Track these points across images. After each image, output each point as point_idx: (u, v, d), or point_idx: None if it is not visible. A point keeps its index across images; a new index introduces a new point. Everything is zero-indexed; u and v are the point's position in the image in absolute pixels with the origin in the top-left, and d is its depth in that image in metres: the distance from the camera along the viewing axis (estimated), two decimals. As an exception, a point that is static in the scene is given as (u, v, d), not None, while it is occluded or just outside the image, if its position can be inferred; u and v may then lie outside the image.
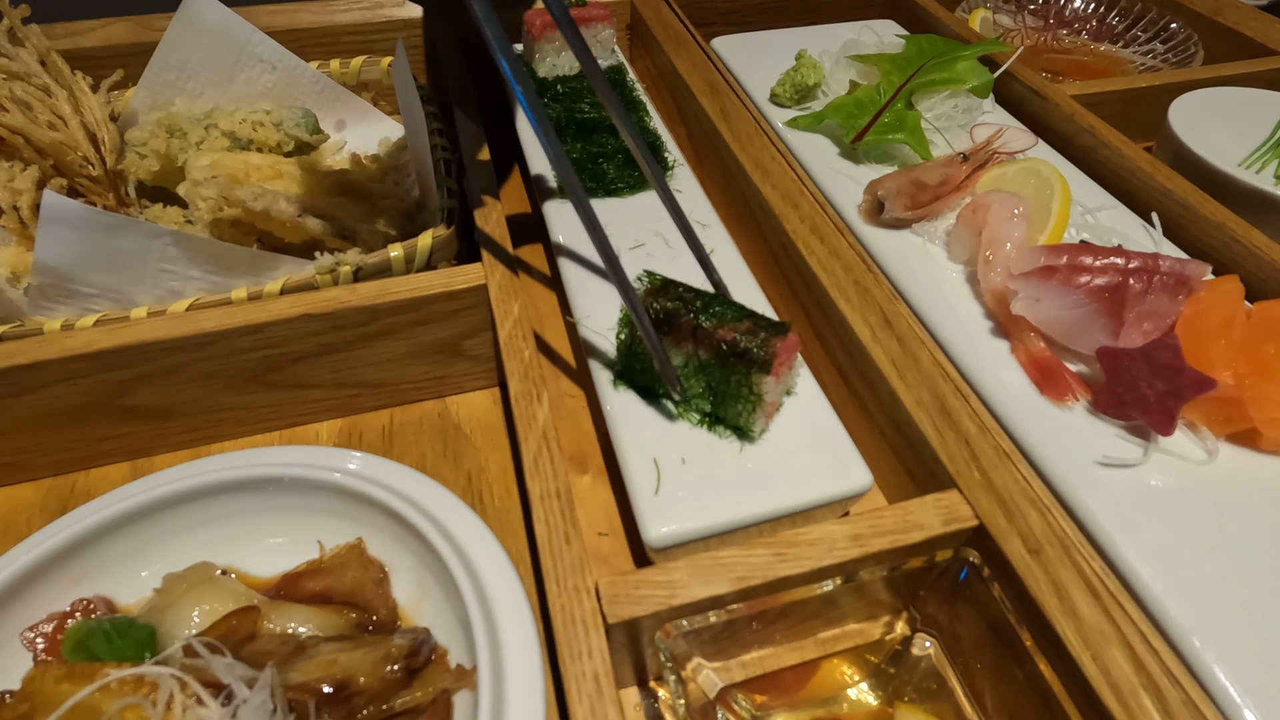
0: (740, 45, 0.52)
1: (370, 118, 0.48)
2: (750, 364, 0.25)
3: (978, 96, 0.42)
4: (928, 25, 0.54)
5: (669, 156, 0.40)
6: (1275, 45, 0.49)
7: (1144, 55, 0.56)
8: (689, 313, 0.26)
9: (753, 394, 0.26)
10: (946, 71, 0.41)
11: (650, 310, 0.27)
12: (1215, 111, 0.44)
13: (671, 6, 0.52)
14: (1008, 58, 0.46)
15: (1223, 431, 0.27)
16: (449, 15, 0.50)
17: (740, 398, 0.26)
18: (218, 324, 0.29)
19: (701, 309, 0.27)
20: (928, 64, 0.42)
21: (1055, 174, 0.34)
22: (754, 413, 0.26)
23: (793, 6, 0.57)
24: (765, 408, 0.26)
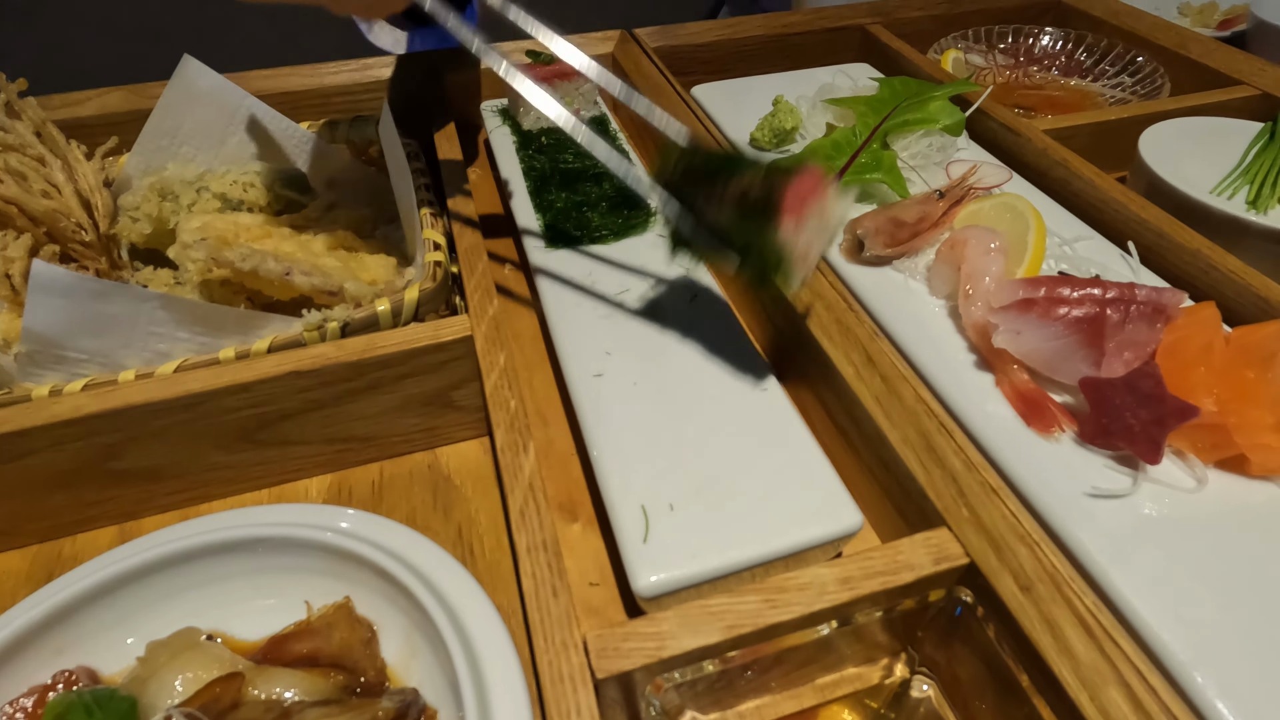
0: (720, 92, 0.54)
1: (360, 174, 0.49)
2: (763, 208, 0.26)
3: (951, 135, 0.42)
4: (901, 67, 0.55)
5: (651, 204, 0.41)
6: (1238, 75, 0.51)
7: (1113, 89, 0.57)
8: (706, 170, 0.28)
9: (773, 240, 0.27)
10: (919, 112, 0.42)
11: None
12: (1184, 141, 0.45)
13: (651, 58, 0.53)
14: (979, 96, 0.48)
15: (1211, 458, 0.27)
16: (428, 74, 0.51)
17: (767, 245, 0.27)
18: (205, 384, 0.29)
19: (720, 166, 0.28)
20: (901, 105, 0.43)
21: (1029, 208, 0.35)
22: (786, 263, 0.27)
23: (770, 53, 0.59)
24: (799, 254, 0.27)
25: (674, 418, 0.30)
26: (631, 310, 0.35)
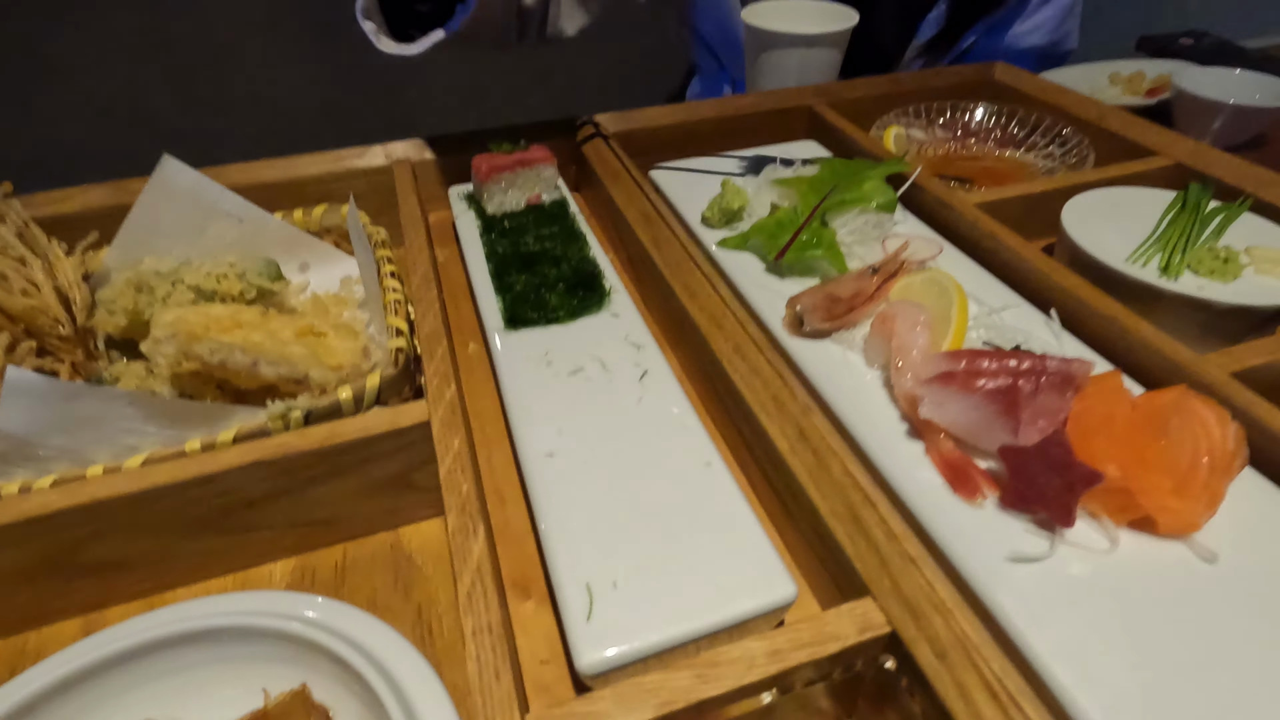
0: (676, 174, 0.57)
1: (332, 258, 0.52)
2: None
3: (884, 212, 0.45)
4: (845, 144, 0.59)
5: (608, 283, 0.44)
6: (1153, 147, 0.55)
7: (1044, 159, 0.61)
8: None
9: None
10: (855, 191, 0.45)
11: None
12: (1104, 210, 0.48)
13: (609, 144, 0.57)
14: (912, 173, 0.51)
15: (1122, 520, 0.29)
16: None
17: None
18: (171, 477, 0.30)
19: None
20: (839, 185, 0.46)
21: (953, 283, 0.38)
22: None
23: (724, 133, 0.62)
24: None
25: (621, 495, 0.31)
26: (584, 389, 0.37)
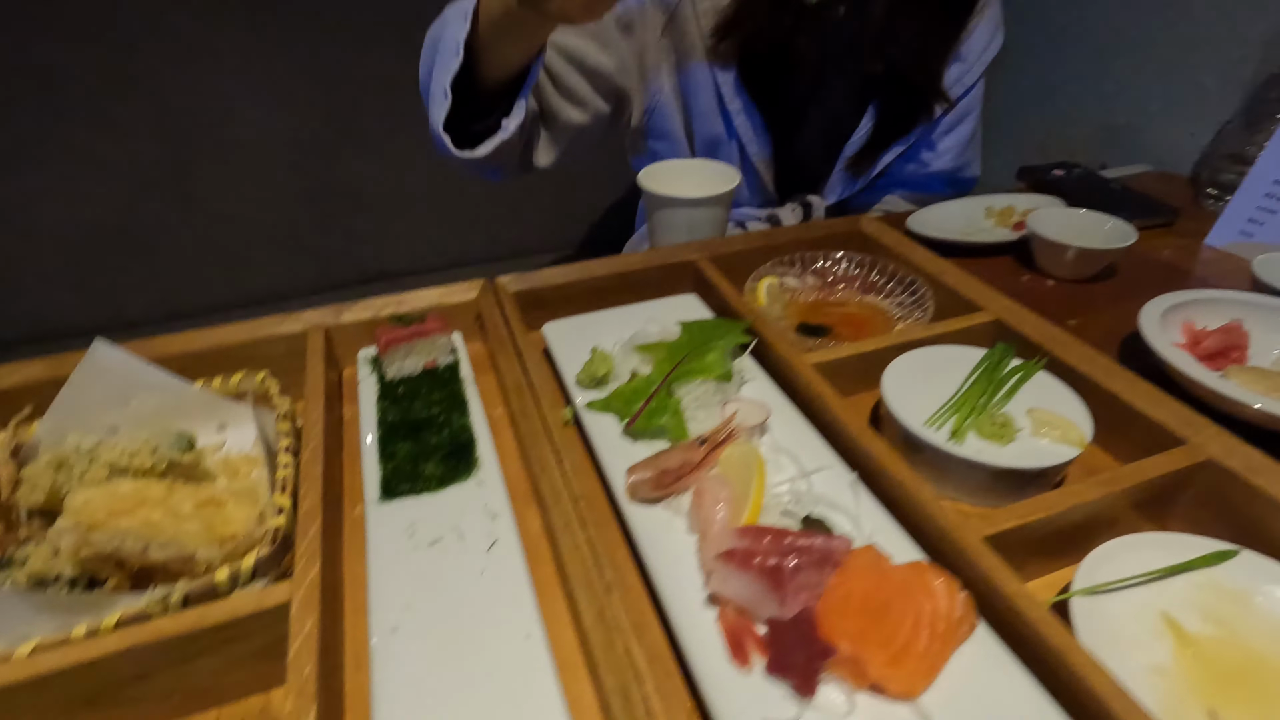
0: (567, 329, 0.64)
1: (249, 417, 0.58)
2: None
3: (722, 382, 0.52)
4: (719, 298, 0.67)
5: (478, 451, 0.50)
6: (979, 302, 0.63)
7: (898, 306, 0.69)
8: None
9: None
10: (699, 362, 0.52)
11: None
12: (923, 369, 0.55)
13: (501, 306, 0.64)
14: (764, 330, 0.58)
15: (861, 685, 0.34)
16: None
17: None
18: (56, 664, 0.35)
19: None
20: (689, 354, 0.53)
21: (756, 459, 0.44)
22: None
23: (618, 288, 0.70)
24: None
25: (450, 669, 0.36)
26: (438, 561, 0.42)
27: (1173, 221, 0.95)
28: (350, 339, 0.63)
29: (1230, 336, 0.65)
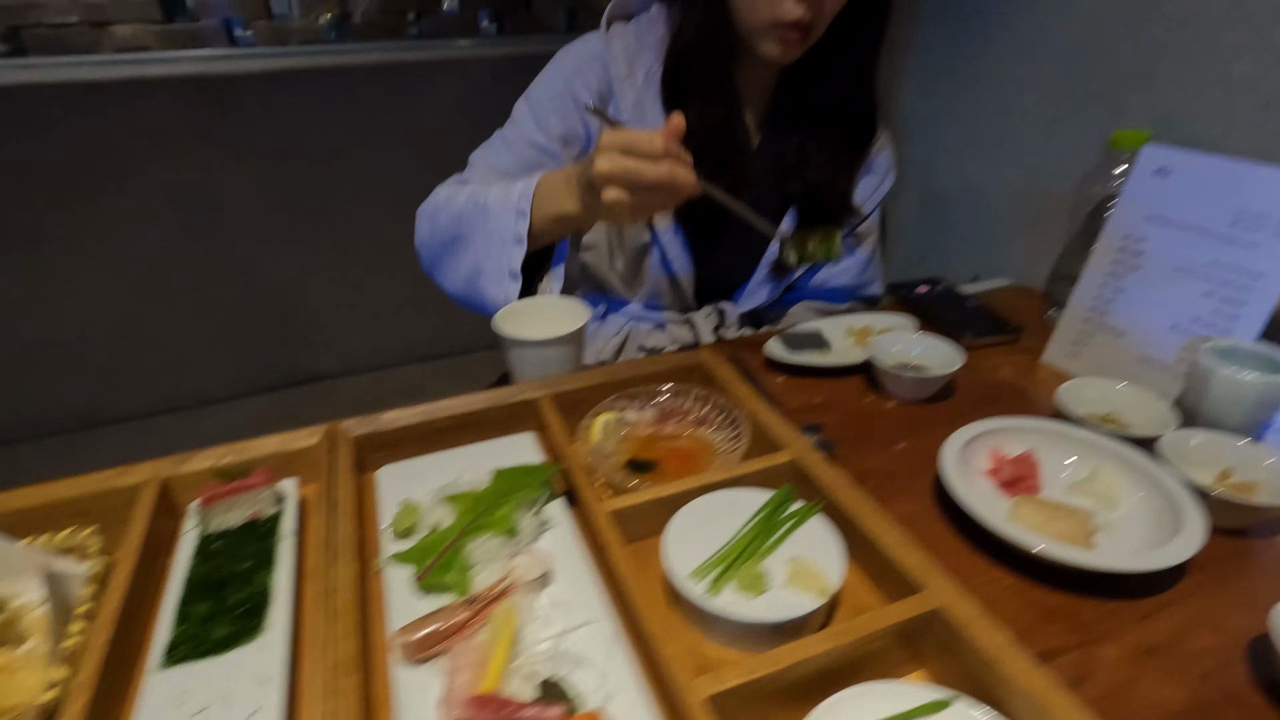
0: (401, 474, 0.68)
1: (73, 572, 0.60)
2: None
3: (509, 537, 0.56)
4: (550, 435, 0.71)
5: (270, 615, 0.52)
6: (779, 442, 0.67)
7: (725, 441, 0.74)
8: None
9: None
10: (490, 516, 0.56)
11: None
12: (710, 515, 0.59)
13: (333, 454, 0.68)
14: (574, 475, 0.62)
15: None
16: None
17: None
18: None
19: None
20: (484, 509, 0.57)
21: (510, 620, 0.47)
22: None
23: (464, 427, 0.74)
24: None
25: None
26: (199, 731, 0.44)
27: (1017, 339, 1.02)
28: (191, 488, 0.66)
29: (1021, 466, 0.71)
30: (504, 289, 0.88)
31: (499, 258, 0.87)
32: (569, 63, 1.01)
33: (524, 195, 0.85)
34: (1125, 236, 0.86)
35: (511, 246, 0.86)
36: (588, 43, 1.02)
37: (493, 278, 0.88)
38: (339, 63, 1.63)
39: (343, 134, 1.64)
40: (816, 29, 0.93)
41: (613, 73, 1.00)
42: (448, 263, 0.94)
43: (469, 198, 0.91)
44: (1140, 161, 0.84)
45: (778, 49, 0.94)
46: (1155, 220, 0.83)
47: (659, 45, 1.02)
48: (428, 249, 0.97)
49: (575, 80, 1.00)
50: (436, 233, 0.94)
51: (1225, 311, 0.77)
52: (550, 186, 0.84)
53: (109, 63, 1.55)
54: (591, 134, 1.02)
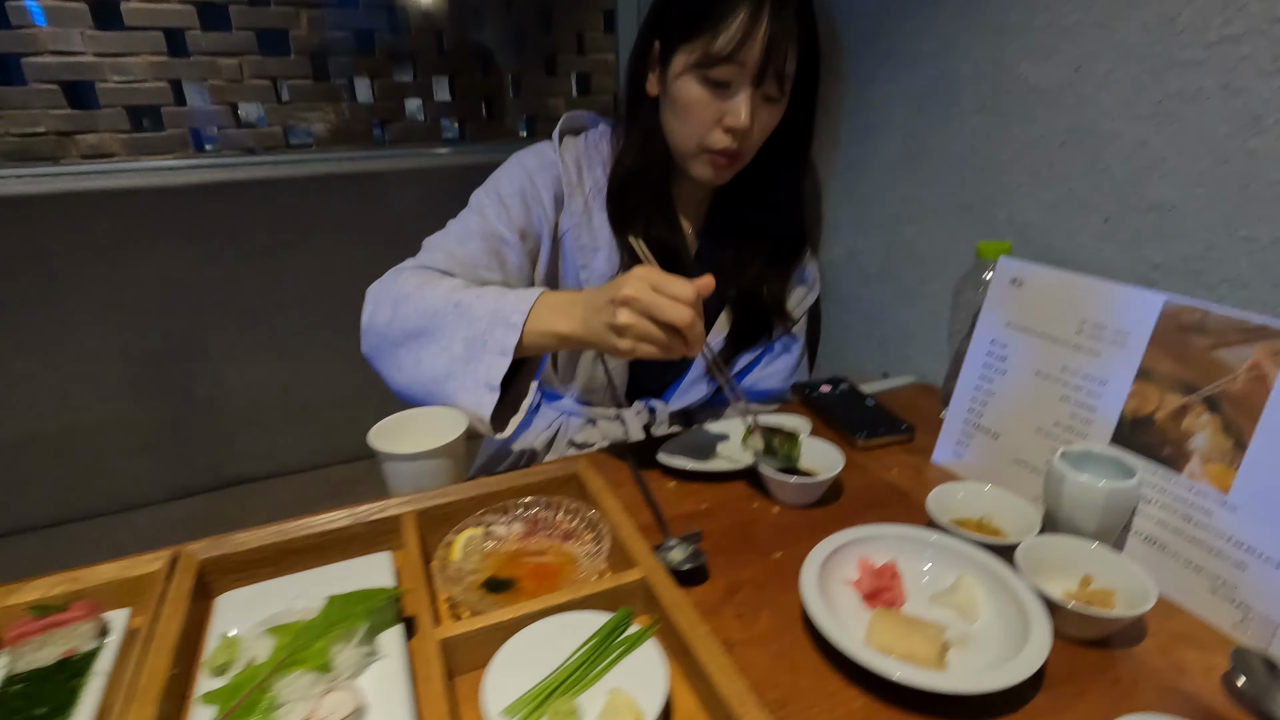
0: (240, 600, 0.66)
1: None
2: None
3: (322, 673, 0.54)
4: (406, 554, 0.69)
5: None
6: (634, 558, 0.67)
7: (588, 556, 0.73)
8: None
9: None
10: (305, 653, 0.54)
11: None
12: (545, 642, 0.57)
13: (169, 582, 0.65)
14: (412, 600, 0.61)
15: None
16: None
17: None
18: None
19: None
20: (301, 644, 0.55)
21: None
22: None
23: (322, 547, 0.72)
24: None
25: None
26: None
27: (911, 439, 1.04)
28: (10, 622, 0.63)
29: (882, 577, 0.70)
30: (478, 399, 0.83)
31: (477, 366, 0.83)
32: (530, 163, 1.07)
33: (518, 309, 0.82)
34: (992, 341, 0.89)
35: (495, 357, 0.82)
36: (543, 150, 1.09)
37: (466, 385, 0.84)
38: (296, 173, 1.68)
39: (284, 238, 1.69)
40: (744, 155, 1.02)
41: (565, 180, 1.06)
42: (403, 356, 0.88)
43: (446, 295, 0.87)
44: (998, 271, 0.88)
45: (709, 172, 1.02)
46: (1015, 327, 0.86)
47: (605, 161, 1.09)
48: (381, 335, 0.90)
49: (537, 179, 1.05)
50: (398, 321, 0.88)
51: (1081, 416, 0.79)
52: (551, 303, 0.83)
53: (57, 175, 1.60)
54: (544, 233, 1.06)
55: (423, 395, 0.88)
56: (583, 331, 0.79)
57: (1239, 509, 0.65)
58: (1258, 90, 0.71)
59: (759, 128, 0.99)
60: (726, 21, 0.91)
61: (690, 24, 0.94)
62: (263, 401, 1.80)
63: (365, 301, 0.93)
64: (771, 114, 0.98)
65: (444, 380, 0.85)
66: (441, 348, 0.85)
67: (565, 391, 1.20)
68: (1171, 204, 0.81)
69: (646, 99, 1.04)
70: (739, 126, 0.94)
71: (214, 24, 1.92)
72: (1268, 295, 0.74)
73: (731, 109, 0.95)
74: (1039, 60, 0.93)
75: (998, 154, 1.01)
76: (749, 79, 0.93)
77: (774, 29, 0.91)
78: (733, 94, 0.95)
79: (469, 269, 0.97)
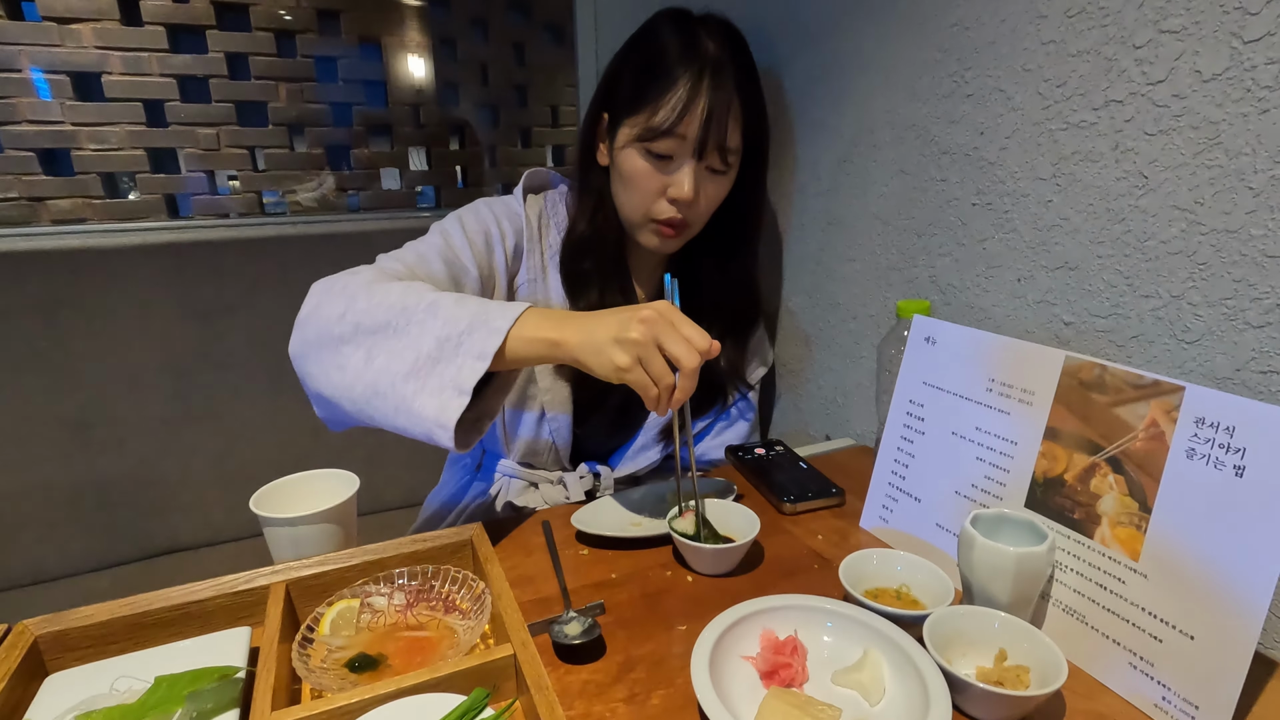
0: (70, 681, 0.60)
1: None
2: None
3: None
4: (266, 628, 0.64)
5: None
6: (510, 632, 0.62)
7: (468, 630, 0.68)
8: None
9: None
10: (108, 742, 0.49)
11: None
12: None
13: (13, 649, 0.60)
14: (258, 685, 0.55)
15: None
16: None
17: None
18: None
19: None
20: (109, 730, 0.49)
21: None
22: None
23: (176, 620, 0.67)
24: None
25: None
26: None
27: (841, 502, 1.00)
28: None
29: (782, 653, 0.65)
30: (444, 402, 0.71)
31: (448, 368, 0.72)
32: (497, 209, 1.06)
33: (504, 315, 0.73)
34: (910, 401, 0.87)
35: (471, 360, 0.71)
36: (508, 201, 1.09)
37: (430, 386, 0.72)
38: (251, 235, 1.67)
39: (227, 299, 1.67)
40: (691, 226, 1.03)
41: (526, 234, 1.06)
42: (350, 353, 0.75)
43: (420, 293, 0.77)
44: (913, 330, 0.87)
45: (655, 241, 1.02)
46: (930, 386, 0.84)
47: (562, 224, 1.09)
48: (323, 329, 0.77)
49: (502, 225, 1.04)
50: (352, 315, 0.75)
51: (995, 477, 0.76)
52: (544, 312, 0.75)
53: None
54: (501, 279, 1.04)
55: (363, 398, 0.74)
56: (580, 338, 0.72)
57: (1150, 577, 0.61)
58: (1145, 150, 0.72)
59: (704, 199, 0.99)
60: (666, 96, 0.92)
61: (633, 98, 0.95)
62: (197, 466, 1.73)
63: (309, 295, 0.81)
64: (718, 185, 0.99)
65: (403, 379, 0.72)
66: (406, 345, 0.73)
67: (509, 453, 1.16)
68: (1077, 263, 0.81)
69: (598, 167, 1.05)
70: (682, 198, 0.94)
71: (194, 96, 1.97)
72: (1175, 352, 0.73)
73: (675, 181, 0.95)
74: (947, 124, 0.94)
75: (918, 214, 1.02)
76: (690, 151, 0.94)
77: (713, 102, 0.92)
78: (676, 166, 0.95)
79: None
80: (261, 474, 1.81)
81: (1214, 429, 0.57)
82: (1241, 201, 0.65)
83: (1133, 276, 0.75)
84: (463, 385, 0.71)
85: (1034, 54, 0.81)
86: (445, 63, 2.28)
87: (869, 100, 1.07)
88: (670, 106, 0.92)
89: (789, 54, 1.22)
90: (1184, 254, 0.70)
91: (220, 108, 2.00)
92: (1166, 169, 0.70)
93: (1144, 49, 0.70)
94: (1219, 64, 0.65)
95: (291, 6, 2.05)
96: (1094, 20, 0.74)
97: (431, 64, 2.27)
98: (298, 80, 2.08)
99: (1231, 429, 0.56)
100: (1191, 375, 0.71)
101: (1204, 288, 0.69)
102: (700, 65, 0.92)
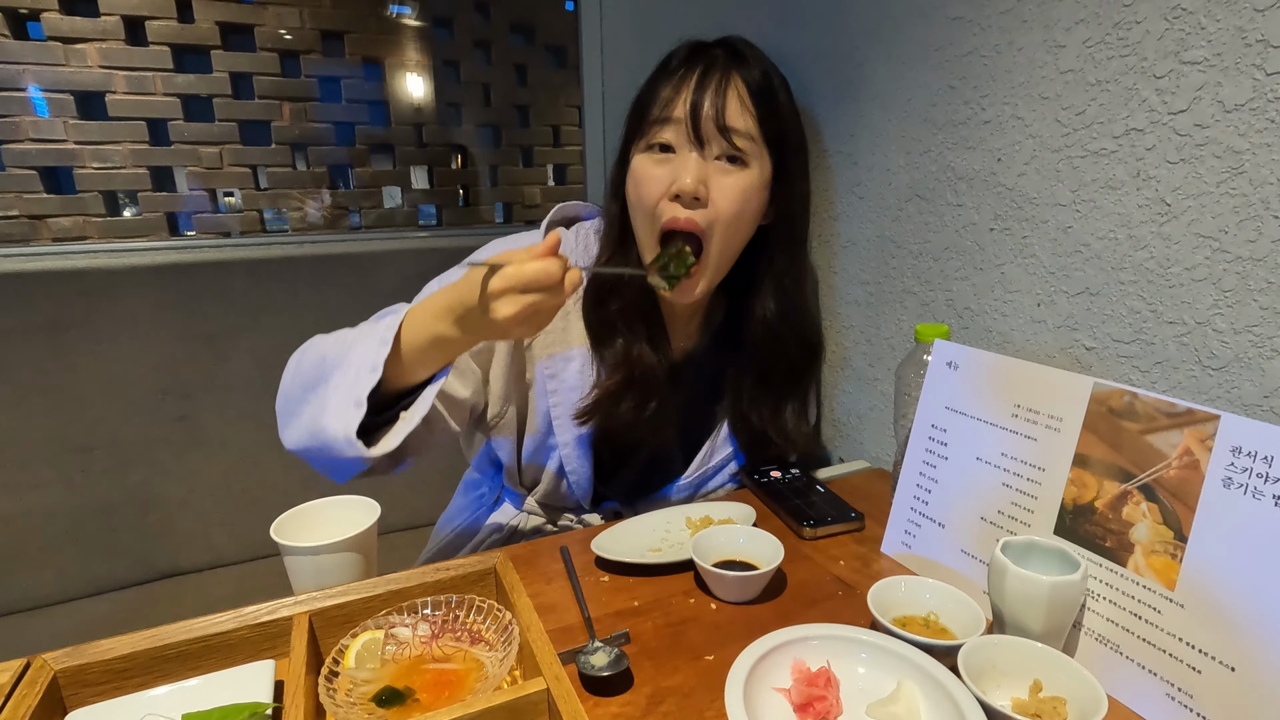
0: (94, 717, 0.58)
1: None
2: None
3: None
4: (292, 662, 0.63)
5: None
6: (543, 666, 0.60)
7: (496, 662, 0.66)
8: None
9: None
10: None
11: None
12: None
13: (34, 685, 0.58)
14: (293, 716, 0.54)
15: None
16: None
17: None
18: None
19: None
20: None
21: None
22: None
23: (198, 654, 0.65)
24: None
25: None
26: None
27: (861, 527, 0.99)
28: None
29: (815, 684, 0.64)
30: (344, 419, 0.74)
31: (350, 388, 0.75)
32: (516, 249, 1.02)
33: (390, 326, 0.75)
34: (932, 425, 0.87)
35: (365, 374, 0.74)
36: (528, 239, 1.02)
37: (331, 407, 0.76)
38: (256, 255, 1.66)
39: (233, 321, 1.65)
40: (710, 239, 0.93)
41: None
42: (303, 411, 0.80)
43: (339, 337, 0.82)
44: (935, 355, 0.87)
45: (668, 289, 0.97)
46: (953, 410, 0.84)
47: (590, 262, 1.02)
48: (285, 397, 0.83)
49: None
50: (300, 375, 0.81)
51: (1022, 504, 0.76)
52: (423, 308, 0.77)
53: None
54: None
55: (316, 444, 0.78)
56: (460, 332, 0.74)
57: (1186, 607, 0.61)
58: (1167, 179, 0.73)
59: (718, 193, 0.89)
60: (664, 91, 0.93)
61: (642, 113, 0.95)
62: (200, 489, 1.71)
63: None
64: (733, 179, 0.90)
65: (320, 414, 0.77)
66: (332, 387, 0.77)
67: (528, 494, 1.15)
68: (1098, 288, 0.81)
69: (625, 201, 0.99)
70: (685, 190, 0.87)
71: (197, 115, 1.97)
72: (1201, 378, 0.73)
73: (677, 175, 0.89)
74: (964, 150, 0.95)
75: (933, 239, 1.02)
76: (688, 136, 0.89)
77: (705, 79, 0.90)
78: (678, 159, 0.90)
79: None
80: (264, 497, 1.79)
81: (1251, 458, 0.57)
82: (1268, 230, 0.66)
83: (1156, 302, 0.75)
84: (359, 397, 0.75)
85: (1052, 82, 0.82)
86: (447, 83, 2.29)
87: (884, 126, 1.08)
88: (666, 96, 0.92)
89: (808, 81, 1.23)
90: (1209, 280, 0.71)
91: (224, 126, 2.00)
92: (1190, 197, 0.71)
93: (1165, 79, 0.71)
94: (1242, 95, 0.66)
95: (296, 27, 2.06)
96: (1113, 50, 0.75)
97: (433, 84, 2.28)
98: (301, 100, 2.08)
99: (1270, 459, 0.56)
100: (1218, 402, 0.71)
101: (1230, 314, 0.69)
102: (700, 61, 0.92)
